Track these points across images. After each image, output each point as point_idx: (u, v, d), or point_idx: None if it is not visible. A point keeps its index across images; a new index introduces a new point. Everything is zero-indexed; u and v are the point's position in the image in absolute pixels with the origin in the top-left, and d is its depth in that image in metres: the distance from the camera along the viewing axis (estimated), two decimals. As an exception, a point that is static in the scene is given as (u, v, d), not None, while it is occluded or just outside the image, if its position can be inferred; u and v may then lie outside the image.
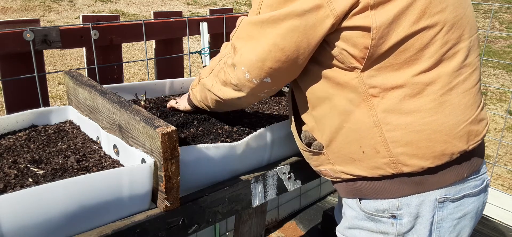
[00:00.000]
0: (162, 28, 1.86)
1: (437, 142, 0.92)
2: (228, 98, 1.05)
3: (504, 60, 5.92)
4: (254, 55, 0.94)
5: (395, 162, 0.94)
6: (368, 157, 0.96)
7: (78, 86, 1.22)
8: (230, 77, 1.01)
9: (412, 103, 0.91)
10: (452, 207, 0.98)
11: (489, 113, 4.44)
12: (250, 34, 0.95)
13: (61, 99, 4.52)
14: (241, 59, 0.96)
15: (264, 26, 0.92)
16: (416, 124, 0.92)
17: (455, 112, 0.93)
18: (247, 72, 0.96)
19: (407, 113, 0.91)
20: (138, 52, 6.31)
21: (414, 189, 0.96)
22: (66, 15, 8.29)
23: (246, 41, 0.95)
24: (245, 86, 0.99)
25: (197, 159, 1.04)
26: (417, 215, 0.97)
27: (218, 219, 1.10)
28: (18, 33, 1.46)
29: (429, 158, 0.93)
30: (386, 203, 0.99)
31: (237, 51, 0.98)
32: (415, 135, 0.92)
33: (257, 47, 0.93)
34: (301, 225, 2.65)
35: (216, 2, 10.59)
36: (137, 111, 0.99)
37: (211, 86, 1.08)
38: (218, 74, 1.05)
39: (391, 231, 1.00)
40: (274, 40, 0.91)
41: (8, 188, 0.89)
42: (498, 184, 3.29)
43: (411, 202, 0.97)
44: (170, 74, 1.98)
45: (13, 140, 1.14)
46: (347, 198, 1.08)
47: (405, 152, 0.93)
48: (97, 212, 0.88)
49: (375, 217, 1.01)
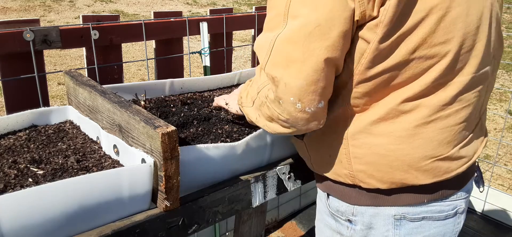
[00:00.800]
0: (162, 28, 1.86)
1: (397, 170, 0.89)
2: (277, 134, 0.92)
3: (504, 60, 5.92)
4: (303, 79, 0.79)
5: (353, 176, 0.94)
6: (332, 163, 0.98)
7: (78, 86, 1.22)
8: (277, 113, 0.85)
9: (383, 127, 0.88)
10: (410, 227, 0.94)
11: (489, 114, 4.44)
12: (290, 57, 0.79)
13: (61, 99, 4.52)
14: (286, 90, 0.80)
15: (307, 42, 0.77)
16: (381, 148, 0.88)
17: (425, 146, 0.87)
18: (299, 101, 0.80)
19: (375, 135, 0.89)
20: (138, 52, 6.31)
21: (369, 201, 0.96)
22: (66, 15, 8.30)
23: (287, 67, 0.79)
24: (297, 119, 0.83)
25: (197, 159, 1.04)
26: (370, 225, 0.97)
27: (218, 219, 1.10)
28: (18, 33, 1.46)
29: (386, 182, 0.91)
30: (344, 206, 1.00)
31: (278, 82, 0.81)
32: (378, 158, 0.89)
33: (304, 69, 0.78)
34: (301, 225, 2.65)
35: (216, 2, 10.59)
36: (137, 111, 0.99)
37: (256, 119, 0.96)
38: (261, 108, 0.90)
39: (346, 233, 1.02)
40: (325, 54, 0.77)
41: (8, 188, 0.89)
42: (498, 184, 3.29)
43: (366, 212, 0.97)
44: (170, 74, 1.98)
45: (13, 140, 1.14)
46: (320, 190, 1.11)
47: (364, 171, 0.92)
48: (97, 212, 0.88)
49: (336, 217, 1.04)
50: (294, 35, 0.78)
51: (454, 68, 0.85)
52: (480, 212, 2.56)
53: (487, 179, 3.17)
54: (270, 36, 0.83)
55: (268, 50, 0.82)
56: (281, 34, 0.80)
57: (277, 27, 0.82)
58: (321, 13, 0.76)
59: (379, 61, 0.82)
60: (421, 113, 0.86)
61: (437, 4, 0.79)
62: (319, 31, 0.76)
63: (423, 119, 0.86)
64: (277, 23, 0.82)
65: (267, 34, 0.84)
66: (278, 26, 0.81)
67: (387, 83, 0.84)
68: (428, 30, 0.80)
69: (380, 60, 0.82)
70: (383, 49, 0.80)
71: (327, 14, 0.76)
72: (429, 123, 0.86)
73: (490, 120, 4.46)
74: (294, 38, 0.78)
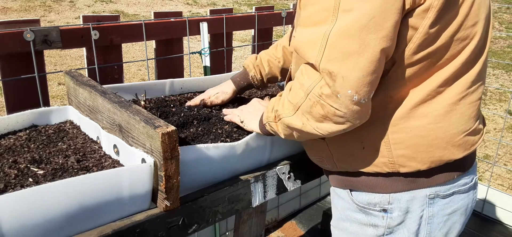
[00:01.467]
0: (162, 28, 1.86)
1: (437, 148, 0.94)
2: (328, 133, 0.91)
3: (504, 60, 5.92)
4: (360, 71, 0.80)
5: (393, 162, 0.96)
6: (367, 153, 0.98)
7: (78, 86, 1.22)
8: (333, 109, 0.85)
9: (422, 108, 0.92)
10: (442, 203, 1.00)
11: (489, 113, 4.44)
12: (347, 50, 0.80)
13: (61, 99, 4.52)
14: (344, 83, 0.81)
15: (363, 34, 0.79)
16: (422, 129, 0.93)
17: (459, 121, 0.94)
18: (356, 93, 0.82)
19: (415, 117, 0.93)
20: (138, 52, 6.32)
21: (406, 186, 0.98)
22: (67, 15, 8.30)
23: (344, 60, 0.80)
24: (353, 112, 0.85)
25: (197, 159, 1.04)
26: (407, 210, 1.00)
27: (218, 219, 1.10)
28: (18, 33, 1.46)
29: (426, 162, 0.95)
30: (378, 197, 1.01)
31: (335, 76, 0.82)
32: (419, 139, 0.93)
33: (361, 61, 0.80)
34: (301, 225, 2.65)
35: (216, 2, 10.59)
36: (137, 111, 0.99)
37: (302, 125, 0.93)
38: (311, 110, 0.89)
39: (381, 224, 1.02)
40: (381, 45, 0.80)
41: (8, 188, 0.89)
42: (498, 184, 3.29)
43: (402, 198, 0.99)
44: (170, 74, 1.98)
45: (13, 140, 1.14)
46: (338, 188, 1.10)
47: (405, 154, 0.95)
48: (97, 212, 0.88)
49: (367, 210, 1.03)
50: (350, 28, 0.79)
51: (478, 48, 0.93)
52: (480, 212, 2.57)
53: (487, 179, 3.17)
54: (319, 31, 0.83)
55: (322, 46, 0.82)
56: (334, 28, 0.81)
57: (324, 22, 0.82)
58: (374, 5, 0.78)
59: (426, 46, 0.87)
60: (454, 90, 0.92)
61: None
62: (374, 23, 0.78)
63: (456, 95, 0.93)
64: (323, 18, 0.82)
65: (313, 30, 0.84)
66: (326, 21, 0.82)
67: (429, 66, 0.90)
68: (464, 13, 0.87)
69: (427, 44, 0.87)
70: (432, 33, 0.85)
71: (380, 5, 0.78)
72: (461, 100, 0.94)
73: (490, 120, 4.46)
74: (350, 32, 0.79)
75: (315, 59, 0.84)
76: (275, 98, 1.05)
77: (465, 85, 0.93)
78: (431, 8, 0.83)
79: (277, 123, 1.01)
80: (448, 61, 0.91)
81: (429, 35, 0.86)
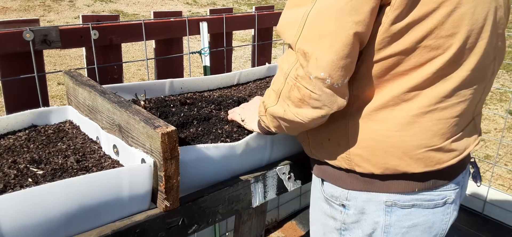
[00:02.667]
0: (162, 28, 1.86)
1: (391, 156, 0.92)
2: (309, 120, 0.90)
3: (505, 60, 5.92)
4: (334, 53, 0.80)
5: (350, 160, 0.97)
6: (331, 145, 1.00)
7: (77, 86, 1.22)
8: (308, 92, 0.85)
9: (384, 113, 0.91)
10: (400, 214, 0.98)
11: (490, 113, 4.44)
12: (323, 31, 0.80)
13: (61, 99, 4.52)
14: (317, 65, 0.81)
15: (340, 16, 0.78)
16: (378, 133, 0.92)
17: (422, 135, 0.90)
18: (328, 77, 0.82)
19: (375, 120, 0.92)
20: (138, 52, 6.31)
21: (363, 186, 0.99)
22: (66, 15, 8.29)
23: (320, 40, 0.80)
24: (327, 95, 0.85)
25: (197, 159, 1.03)
26: (362, 210, 1.01)
27: (218, 219, 1.10)
28: (18, 33, 1.45)
29: (380, 168, 0.94)
30: (338, 191, 1.03)
31: (309, 56, 0.82)
32: (374, 143, 0.92)
33: (336, 43, 0.79)
34: (301, 225, 2.65)
35: (216, 2, 10.59)
36: (137, 111, 0.99)
37: (284, 113, 0.93)
38: (290, 94, 0.89)
39: (339, 218, 1.06)
40: (356, 29, 0.79)
41: (8, 188, 0.89)
42: (498, 184, 3.29)
43: (359, 197, 1.00)
44: (170, 74, 1.97)
45: (12, 140, 1.14)
46: (315, 176, 1.13)
47: (360, 154, 0.95)
48: (97, 212, 0.87)
49: (330, 201, 1.07)
50: (327, 9, 0.79)
51: (455, 62, 0.88)
52: (480, 212, 2.56)
53: (487, 179, 3.17)
54: (299, 11, 0.83)
55: (300, 26, 0.83)
56: (313, 8, 0.81)
57: (305, 3, 0.82)
58: None
59: (387, 44, 0.84)
60: (421, 102, 0.89)
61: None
62: (350, 6, 0.78)
63: (422, 108, 0.89)
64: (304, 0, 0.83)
65: (295, 10, 0.84)
66: (307, 2, 0.82)
67: (392, 68, 0.87)
68: (437, 21, 0.83)
69: (388, 43, 0.84)
70: (393, 32, 0.83)
71: None
72: (427, 113, 0.89)
73: (490, 120, 4.46)
74: (328, 12, 0.79)
75: (293, 39, 0.85)
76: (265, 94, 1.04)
77: (434, 99, 0.88)
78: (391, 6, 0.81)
79: (266, 116, 1.01)
80: (415, 69, 0.86)
81: (391, 34, 0.83)
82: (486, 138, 3.96)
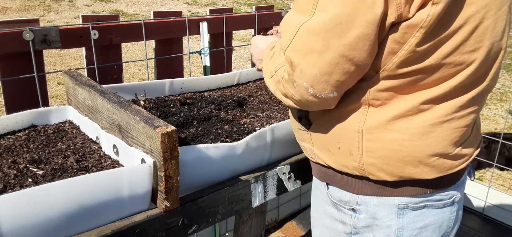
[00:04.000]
0: (162, 28, 1.86)
1: (408, 165, 0.92)
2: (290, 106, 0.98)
3: (505, 60, 5.92)
4: (318, 69, 0.84)
5: (363, 169, 0.96)
6: (341, 154, 0.98)
7: (77, 86, 1.22)
8: (291, 93, 0.91)
9: (401, 122, 0.90)
10: (412, 215, 0.98)
11: (490, 113, 4.44)
12: (310, 47, 0.84)
13: (60, 99, 4.52)
14: (301, 75, 0.86)
15: (327, 37, 0.81)
16: (395, 143, 0.91)
17: (437, 144, 0.91)
18: (311, 87, 0.86)
19: (391, 130, 0.91)
20: (138, 52, 6.31)
21: (375, 191, 0.98)
22: (66, 15, 8.29)
23: (306, 55, 0.84)
24: (308, 101, 0.90)
25: (197, 159, 1.03)
26: (374, 215, 0.99)
27: (218, 219, 1.10)
28: (17, 33, 1.45)
29: (395, 176, 0.94)
30: (348, 196, 1.02)
31: (295, 66, 0.87)
32: (390, 153, 0.92)
33: (321, 60, 0.83)
34: (301, 225, 2.65)
35: (216, 2, 10.59)
36: (137, 111, 0.98)
37: (274, 91, 1.00)
38: (277, 85, 0.96)
39: (349, 222, 1.04)
40: (342, 51, 0.81)
41: (8, 188, 0.89)
42: (498, 184, 3.29)
43: (370, 201, 0.99)
44: (170, 74, 1.97)
45: (12, 140, 1.14)
46: (318, 180, 1.11)
47: (375, 164, 0.94)
48: (97, 212, 0.87)
49: (338, 206, 1.05)
50: (317, 27, 0.82)
51: (476, 76, 0.89)
52: (480, 212, 2.56)
53: (487, 179, 3.17)
54: (297, 20, 0.87)
55: (293, 34, 0.87)
56: (307, 23, 0.84)
57: (304, 13, 0.86)
58: (344, 12, 0.79)
59: (411, 63, 0.85)
60: (438, 112, 0.90)
61: (474, 15, 0.83)
62: (340, 29, 0.80)
63: (439, 118, 0.90)
64: (305, 9, 0.86)
65: (295, 16, 0.88)
66: (305, 12, 0.85)
67: (414, 83, 0.87)
68: (462, 38, 0.84)
69: (413, 62, 0.84)
70: (419, 52, 0.83)
71: (350, 14, 0.79)
72: (444, 123, 0.90)
73: (490, 119, 4.46)
74: (316, 30, 0.82)
75: (284, 44, 0.90)
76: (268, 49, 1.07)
77: (451, 109, 0.90)
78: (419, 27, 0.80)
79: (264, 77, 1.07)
80: (438, 82, 0.87)
81: (416, 53, 0.83)
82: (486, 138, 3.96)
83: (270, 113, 1.43)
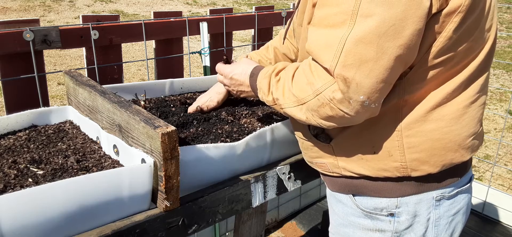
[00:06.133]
0: (162, 28, 1.86)
1: (449, 151, 0.94)
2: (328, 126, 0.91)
3: (504, 60, 5.92)
4: (374, 78, 0.80)
5: (406, 167, 0.94)
6: (378, 158, 0.96)
7: (78, 86, 1.22)
8: (342, 113, 0.85)
9: (438, 111, 0.92)
10: (447, 204, 1.01)
11: (490, 113, 4.44)
12: (363, 57, 0.79)
13: (61, 99, 4.52)
14: (357, 89, 0.81)
15: (381, 42, 0.78)
16: (437, 132, 0.92)
17: (470, 124, 0.95)
18: (367, 99, 0.82)
19: (431, 120, 0.92)
20: (138, 52, 6.31)
21: (415, 189, 0.97)
22: (66, 15, 8.29)
23: (360, 66, 0.79)
24: (361, 113, 0.85)
25: (197, 159, 1.03)
26: (415, 213, 0.99)
27: (218, 219, 1.10)
28: (18, 33, 1.46)
29: (438, 166, 0.95)
30: (385, 202, 0.99)
31: (350, 82, 0.81)
32: (433, 143, 0.93)
33: (376, 68, 0.79)
34: (301, 225, 2.65)
35: (216, 2, 10.59)
36: (137, 111, 0.99)
37: (306, 119, 0.92)
38: (319, 109, 0.88)
39: (388, 228, 1.01)
40: (398, 53, 0.79)
41: (8, 188, 0.89)
42: (498, 184, 3.29)
43: (410, 201, 0.98)
44: (170, 74, 1.97)
45: (13, 140, 1.14)
46: (339, 193, 1.07)
47: (419, 158, 0.94)
48: (97, 212, 0.87)
49: (373, 215, 1.01)
50: (368, 35, 0.78)
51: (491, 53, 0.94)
52: (480, 212, 2.56)
53: (487, 179, 3.17)
54: (336, 34, 0.81)
55: (338, 50, 0.81)
56: (352, 34, 0.79)
57: (342, 25, 0.81)
58: (395, 12, 0.76)
59: (447, 51, 0.86)
60: (468, 93, 0.93)
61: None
62: (393, 30, 0.77)
63: (469, 98, 0.93)
64: (341, 21, 0.81)
65: (329, 31, 0.83)
66: (343, 24, 0.80)
67: (446, 70, 0.89)
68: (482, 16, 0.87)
69: (448, 50, 0.86)
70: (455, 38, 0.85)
71: (401, 13, 0.76)
72: (473, 103, 0.94)
73: (490, 120, 4.46)
74: (368, 38, 0.78)
75: (330, 64, 0.82)
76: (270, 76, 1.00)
77: (477, 88, 0.93)
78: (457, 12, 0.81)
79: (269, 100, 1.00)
80: (466, 65, 0.90)
81: (451, 40, 0.84)
82: (486, 138, 3.96)
83: (270, 113, 1.43)
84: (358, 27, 0.78)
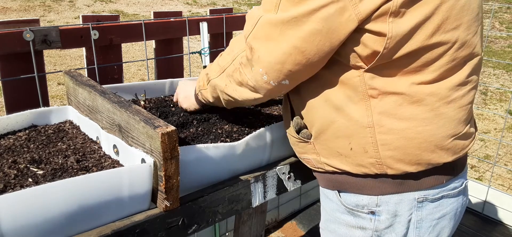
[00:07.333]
0: (162, 28, 1.86)
1: (425, 151, 0.94)
2: (244, 99, 1.03)
3: (504, 60, 5.92)
4: (273, 57, 0.91)
5: (381, 163, 0.96)
6: (355, 154, 0.98)
7: (78, 86, 1.22)
8: (246, 78, 0.98)
9: (409, 110, 0.92)
10: (431, 207, 1.00)
11: (489, 113, 4.45)
12: (268, 35, 0.91)
13: (61, 99, 4.52)
14: (258, 61, 0.94)
15: (284, 27, 0.89)
16: (409, 131, 0.93)
17: (448, 125, 0.94)
18: (265, 74, 0.94)
19: (402, 119, 0.92)
20: (138, 52, 6.32)
21: (394, 188, 0.98)
22: (66, 15, 8.30)
23: (264, 41, 0.92)
24: (262, 88, 0.97)
25: (197, 159, 1.04)
26: (395, 213, 1.00)
27: (218, 219, 1.10)
28: (18, 33, 1.46)
29: (414, 164, 0.95)
30: (366, 199, 1.01)
31: (254, 51, 0.94)
32: (406, 141, 0.93)
33: (276, 49, 0.91)
34: (301, 225, 2.65)
35: (216, 2, 10.59)
36: (137, 111, 0.99)
37: (225, 86, 1.05)
38: (233, 74, 1.02)
39: (369, 226, 1.02)
40: (295, 43, 0.88)
41: (8, 188, 0.89)
42: (498, 184, 3.29)
43: (390, 200, 0.99)
44: (170, 74, 1.98)
45: (13, 140, 1.14)
46: (327, 189, 1.10)
47: (393, 156, 0.95)
48: (97, 212, 0.88)
49: (355, 212, 1.03)
50: (277, 19, 0.90)
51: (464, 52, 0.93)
52: (480, 212, 2.57)
53: (487, 179, 3.17)
54: (259, 13, 0.95)
55: (254, 24, 0.95)
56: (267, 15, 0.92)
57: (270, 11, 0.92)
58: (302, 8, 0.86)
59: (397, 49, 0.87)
60: (441, 94, 0.93)
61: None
62: (294, 22, 0.87)
63: (444, 99, 0.93)
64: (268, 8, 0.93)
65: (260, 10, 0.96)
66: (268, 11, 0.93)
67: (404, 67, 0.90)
68: (441, 16, 0.87)
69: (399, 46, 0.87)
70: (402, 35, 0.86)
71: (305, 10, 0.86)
72: (449, 103, 0.94)
73: (490, 120, 4.46)
74: (275, 22, 0.90)
75: (246, 33, 0.98)
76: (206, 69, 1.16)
77: (452, 89, 0.93)
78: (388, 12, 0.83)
79: (207, 87, 1.13)
80: (428, 64, 0.90)
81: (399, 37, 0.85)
82: (485, 138, 3.96)
83: (270, 113, 1.43)
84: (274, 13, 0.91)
